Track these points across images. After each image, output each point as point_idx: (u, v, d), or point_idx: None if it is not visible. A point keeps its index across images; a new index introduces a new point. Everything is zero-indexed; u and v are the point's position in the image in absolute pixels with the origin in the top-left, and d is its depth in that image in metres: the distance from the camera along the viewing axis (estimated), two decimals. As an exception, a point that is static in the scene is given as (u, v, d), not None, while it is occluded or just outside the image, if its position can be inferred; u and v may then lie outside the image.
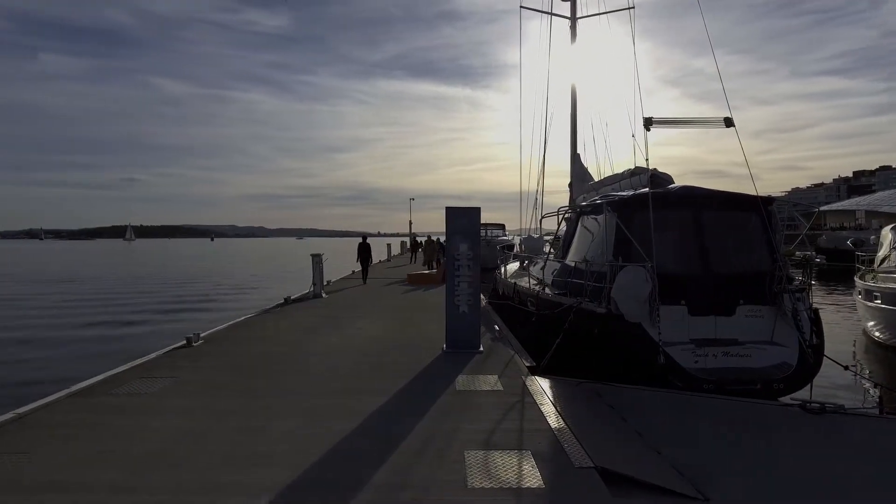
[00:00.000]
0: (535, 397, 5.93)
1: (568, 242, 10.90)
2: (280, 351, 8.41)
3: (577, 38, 16.95)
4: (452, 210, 8.41)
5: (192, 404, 5.72)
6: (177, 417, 5.28)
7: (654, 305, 7.38)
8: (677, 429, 5.51)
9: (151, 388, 6.32)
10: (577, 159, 15.69)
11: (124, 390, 6.20)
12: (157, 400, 5.88)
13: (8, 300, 26.23)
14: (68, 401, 5.83)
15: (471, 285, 8.37)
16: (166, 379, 6.68)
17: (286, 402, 5.82)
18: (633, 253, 7.79)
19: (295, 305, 13.97)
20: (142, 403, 5.75)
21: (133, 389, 6.24)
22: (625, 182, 11.40)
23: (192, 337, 8.80)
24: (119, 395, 6.01)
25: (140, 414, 5.39)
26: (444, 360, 7.75)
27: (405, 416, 5.27)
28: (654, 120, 8.38)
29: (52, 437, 4.71)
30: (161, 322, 19.18)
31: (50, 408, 5.58)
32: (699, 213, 8.21)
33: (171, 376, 6.80)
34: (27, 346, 14.91)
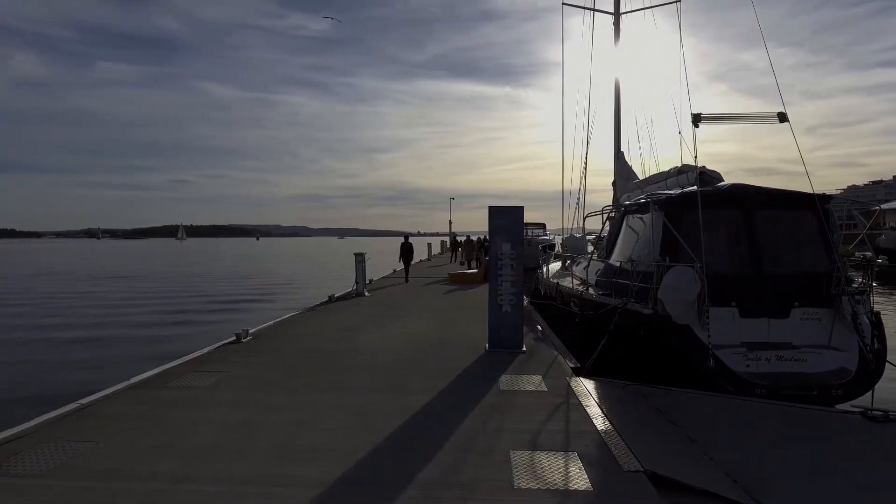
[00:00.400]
0: (581, 399, 5.87)
1: (612, 242, 10.73)
2: (325, 348, 8.58)
3: (620, 34, 16.65)
4: (495, 209, 8.40)
5: (242, 398, 5.90)
6: (229, 411, 5.46)
7: (703, 307, 7.19)
8: (729, 434, 5.35)
9: (204, 382, 6.55)
10: (621, 157, 15.41)
11: (179, 384, 6.45)
12: (209, 394, 6.10)
13: (73, 296, 27.60)
14: (127, 393, 6.11)
15: (514, 285, 8.34)
16: (218, 374, 6.91)
17: (332, 397, 5.94)
18: (681, 253, 7.60)
19: (338, 304, 14.22)
20: (195, 397, 5.97)
21: (187, 383, 6.49)
22: (671, 180, 11.13)
23: (241, 333, 9.08)
24: (174, 389, 6.26)
25: (194, 407, 5.60)
26: (487, 360, 7.75)
27: (450, 415, 5.31)
28: (704, 116, 8.16)
29: (116, 428, 4.94)
30: (210, 318, 19.84)
31: (111, 399, 5.86)
32: (751, 212, 7.94)
33: (223, 371, 7.04)
34: (87, 340, 15.65)
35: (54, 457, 4.27)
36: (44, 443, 4.55)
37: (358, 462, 4.22)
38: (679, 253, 7.66)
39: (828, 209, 8.03)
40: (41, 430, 4.88)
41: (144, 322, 18.88)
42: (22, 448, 4.44)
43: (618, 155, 15.52)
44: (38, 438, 4.66)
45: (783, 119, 8.28)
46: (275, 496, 3.65)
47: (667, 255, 7.74)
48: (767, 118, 8.30)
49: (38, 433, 4.79)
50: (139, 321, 19.00)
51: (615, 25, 16.70)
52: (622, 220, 10.30)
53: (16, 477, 3.93)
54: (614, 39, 16.62)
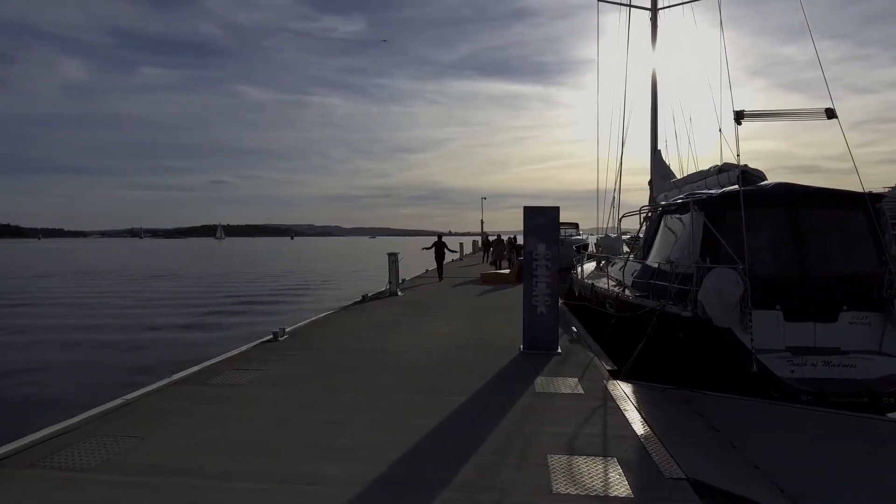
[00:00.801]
0: (619, 402, 5.75)
1: (649, 242, 10.51)
2: (360, 347, 8.64)
3: (657, 30, 16.30)
4: (531, 209, 8.32)
5: (280, 396, 5.99)
6: (266, 408, 5.54)
7: (745, 310, 6.97)
8: (773, 440, 5.18)
9: (243, 379, 6.67)
10: (658, 155, 15.08)
11: (219, 381, 6.58)
12: (248, 391, 6.20)
13: (116, 295, 28.56)
14: (169, 389, 6.27)
15: (549, 286, 8.24)
16: (256, 371, 7.03)
17: (367, 397, 5.97)
18: (723, 254, 7.39)
19: (372, 303, 14.31)
20: (235, 394, 6.08)
21: (227, 380, 6.61)
22: (711, 180, 10.83)
23: (277, 332, 9.22)
24: (214, 385, 6.39)
25: (234, 404, 5.70)
26: (522, 361, 7.69)
27: (485, 416, 5.27)
28: (746, 113, 7.90)
29: (159, 424, 5.07)
30: (247, 318, 20.31)
31: (154, 395, 6.01)
32: (796, 212, 7.66)
33: (261, 369, 7.15)
34: (130, 338, 16.17)
35: (100, 452, 4.39)
36: (90, 438, 4.69)
37: (393, 462, 4.22)
38: (720, 254, 7.45)
39: (879, 208, 7.70)
40: (87, 425, 5.04)
41: (184, 321, 19.43)
42: (69, 443, 4.58)
43: (654, 153, 15.21)
44: (85, 433, 4.81)
45: (831, 115, 7.96)
46: (311, 495, 3.68)
47: (707, 256, 7.54)
48: (814, 114, 8.00)
49: (84, 428, 4.95)
50: (177, 321, 19.52)
51: (652, 21, 16.36)
52: (660, 220, 10.08)
53: (63, 471, 4.06)
54: (651, 35, 16.30)
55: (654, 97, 16.01)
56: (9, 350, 14.38)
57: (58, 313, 21.28)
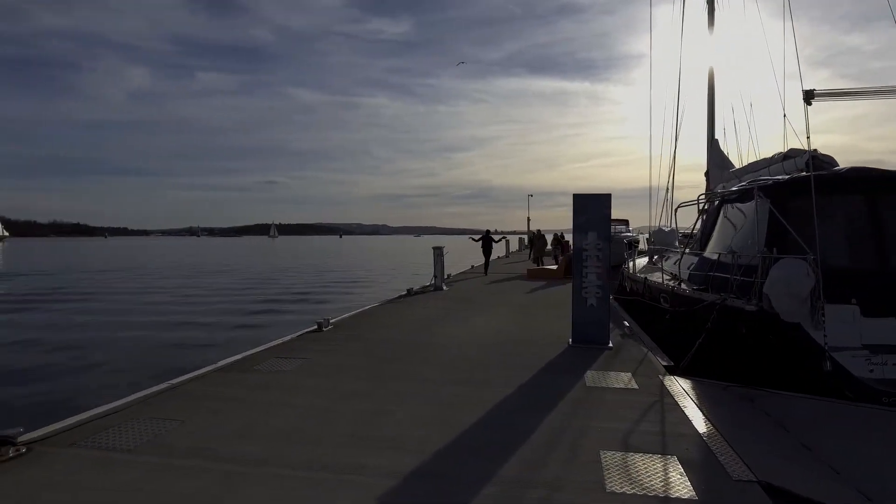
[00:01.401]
0: (676, 398, 5.37)
1: (707, 234, 9.94)
2: (404, 339, 8.49)
3: (714, 12, 15.52)
4: (581, 196, 7.96)
5: (323, 384, 5.88)
6: (309, 396, 5.44)
7: (817, 304, 6.42)
8: (850, 443, 4.69)
9: (287, 367, 6.62)
10: (716, 144, 14.34)
11: (263, 368, 6.55)
12: (291, 378, 6.13)
13: (174, 288, 29.62)
14: (214, 375, 6.27)
15: (599, 277, 7.87)
16: (300, 360, 6.97)
17: (411, 388, 5.80)
18: (791, 243, 6.86)
19: (417, 297, 14.18)
20: (278, 381, 6.01)
21: (271, 368, 6.57)
22: (775, 167, 10.15)
23: (322, 322, 9.19)
24: (258, 373, 6.35)
25: (277, 391, 5.63)
26: (571, 355, 7.35)
27: (532, 410, 5.00)
28: (818, 93, 7.29)
29: (201, 408, 5.03)
30: (294, 308, 20.71)
31: (199, 380, 6.02)
32: (875, 198, 7.03)
33: (304, 357, 7.09)
34: (185, 326, 16.69)
35: (141, 434, 4.37)
36: (132, 420, 4.68)
37: (435, 454, 4.01)
38: (788, 244, 6.92)
39: None
40: (130, 407, 5.05)
41: (236, 310, 20.10)
42: (112, 424, 4.59)
43: (711, 142, 14.46)
44: (128, 415, 4.81)
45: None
46: (350, 485, 3.51)
47: (774, 246, 7.00)
48: (894, 93, 7.31)
49: (127, 410, 4.96)
50: (231, 309, 20.27)
51: (709, 10, 15.59)
52: (719, 210, 9.51)
53: (102, 450, 4.04)
54: (708, 19, 15.52)
55: (711, 84, 15.26)
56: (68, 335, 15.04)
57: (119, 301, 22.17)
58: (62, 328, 16.55)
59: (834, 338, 6.31)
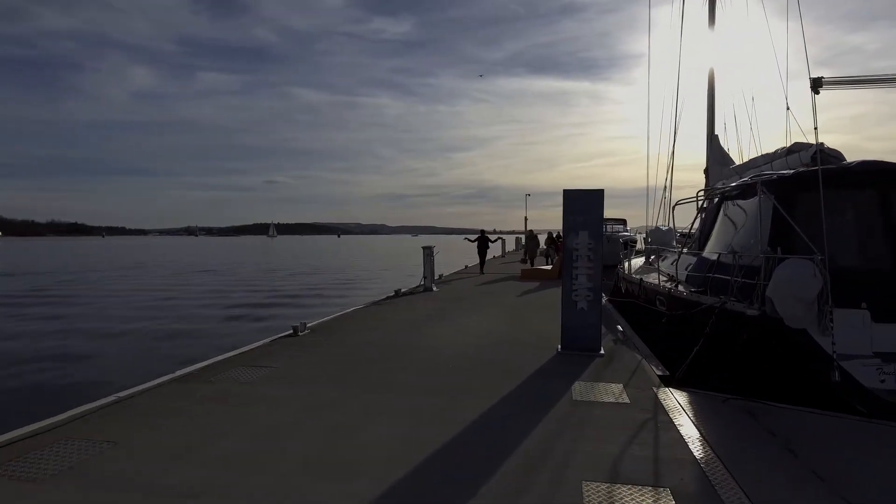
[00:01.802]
0: (671, 415, 4.86)
1: (706, 233, 9.43)
2: (385, 344, 7.98)
3: (715, 17, 15.00)
4: (571, 193, 7.45)
5: (286, 396, 5.37)
6: (267, 410, 4.93)
7: (824, 308, 5.92)
8: (871, 471, 4.18)
9: (251, 377, 6.10)
10: (716, 140, 13.82)
11: (224, 378, 6.04)
12: (253, 390, 5.61)
13: (157, 289, 29.07)
14: (169, 386, 5.75)
15: (591, 279, 7.36)
16: (267, 368, 6.46)
17: (384, 399, 5.29)
18: (796, 242, 6.36)
19: (405, 298, 13.67)
20: (237, 393, 5.49)
21: (233, 377, 6.06)
22: (778, 162, 9.64)
23: (298, 326, 8.67)
24: (217, 383, 5.84)
25: (234, 404, 5.12)
26: (559, 363, 6.84)
27: (512, 428, 4.50)
28: (825, 81, 6.79)
29: (143, 427, 4.52)
30: (277, 311, 19.83)
31: (150, 393, 5.50)
32: (887, 193, 6.53)
33: (272, 366, 6.58)
34: (154, 331, 15.98)
35: (65, 458, 3.86)
36: (64, 441, 4.17)
37: (401, 480, 3.52)
38: (793, 243, 6.42)
39: None
40: (68, 424, 4.55)
41: (211, 315, 19.05)
42: (40, 446, 4.08)
43: (711, 137, 13.95)
44: (61, 435, 4.31)
45: (930, 80, 6.77)
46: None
47: (778, 245, 6.50)
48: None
49: (63, 428, 4.46)
50: (208, 313, 19.30)
51: (710, 8, 15.06)
52: (719, 207, 9.01)
53: (16, 480, 3.53)
54: (709, 21, 14.99)
55: (711, 79, 14.74)
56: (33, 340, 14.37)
57: (100, 304, 21.60)
58: (20, 335, 15.23)
59: (842, 345, 5.81)
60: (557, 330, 7.66)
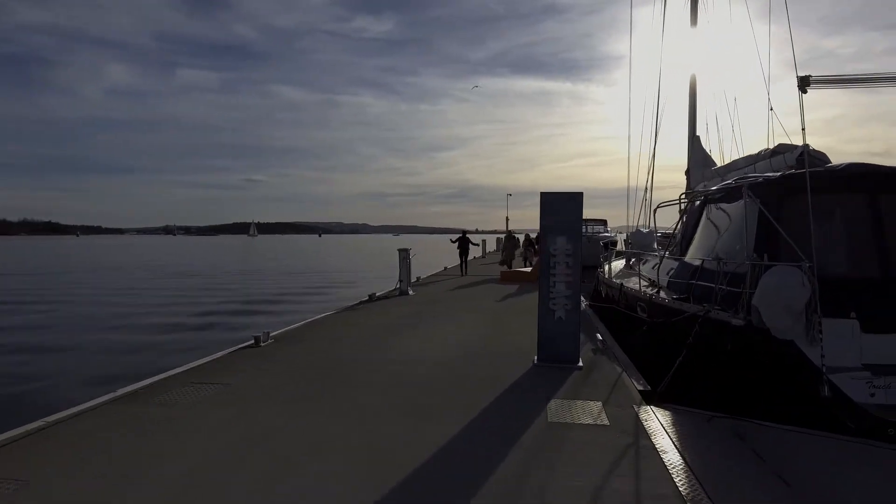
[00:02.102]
0: (654, 439, 4.47)
1: (688, 237, 9.11)
2: (352, 355, 7.50)
3: (697, 18, 14.76)
4: (549, 196, 7.05)
5: (233, 420, 4.88)
6: (207, 439, 4.43)
7: (812, 318, 5.60)
8: (870, 500, 3.84)
9: (198, 396, 5.58)
10: (697, 141, 13.57)
11: (169, 398, 5.51)
12: (199, 411, 5.10)
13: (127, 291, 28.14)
14: (105, 409, 5.21)
15: (569, 286, 6.96)
16: (218, 386, 5.95)
17: (341, 423, 4.82)
18: (783, 249, 6.04)
19: (379, 303, 13.18)
20: (181, 417, 4.98)
21: (178, 397, 5.54)
22: (762, 164, 9.36)
23: (260, 336, 8.15)
24: (160, 405, 5.31)
25: (171, 431, 4.60)
26: (535, 377, 6.43)
27: (481, 460, 4.05)
28: (814, 79, 6.47)
29: (61, 460, 4.00)
30: (243, 319, 18.48)
31: (83, 417, 4.96)
32: (877, 198, 6.23)
33: (224, 383, 6.06)
34: (105, 341, 14.98)
35: (-42, 505, 3.34)
36: (-38, 481, 3.63)
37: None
38: (780, 249, 6.09)
39: None
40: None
41: (182, 321, 17.93)
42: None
43: (692, 138, 13.69)
44: (-36, 472, 3.76)
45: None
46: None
47: (763, 251, 6.17)
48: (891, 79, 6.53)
49: (-32, 464, 3.90)
50: (174, 320, 18.03)
51: (693, 4, 14.81)
52: (702, 210, 8.68)
53: None
54: (690, 21, 14.73)
55: (693, 80, 14.49)
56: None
57: (56, 310, 20.64)
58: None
59: (831, 357, 5.49)
60: (535, 338, 7.24)
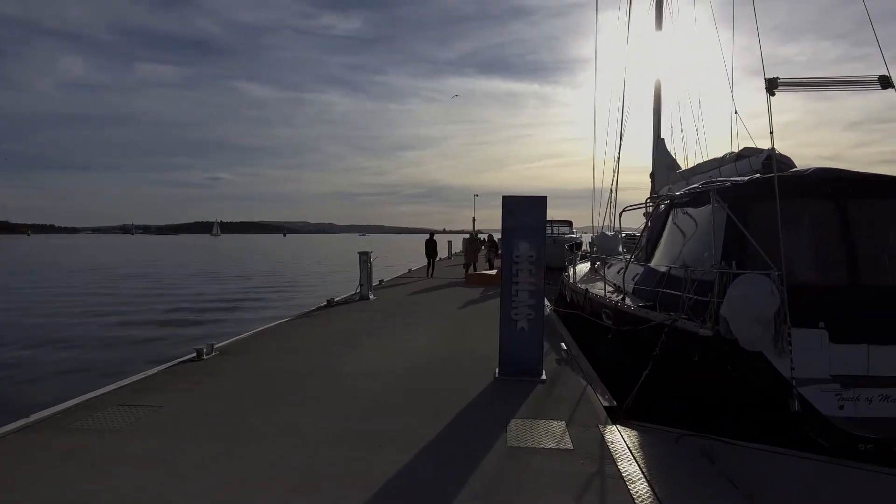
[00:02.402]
0: (620, 464, 4.13)
1: (654, 242, 8.88)
2: (301, 369, 6.99)
3: (662, 22, 14.70)
4: (511, 199, 6.69)
5: (157, 449, 4.34)
6: (123, 476, 3.88)
7: (781, 328, 5.38)
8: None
9: (120, 421, 5.00)
10: (661, 144, 13.47)
11: (86, 424, 4.90)
12: (116, 442, 4.52)
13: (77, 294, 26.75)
14: (13, 438, 4.58)
15: (532, 295, 6.61)
16: (146, 408, 5.36)
17: (278, 452, 4.33)
18: (751, 256, 5.80)
19: (338, 309, 12.64)
20: (96, 447, 4.40)
21: (97, 423, 4.94)
22: (727, 168, 9.23)
23: (203, 349, 7.55)
24: (75, 432, 4.71)
25: (81, 466, 4.03)
26: (496, 392, 6.05)
27: (432, 491, 3.64)
28: (782, 81, 6.27)
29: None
30: (197, 326, 17.34)
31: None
32: (845, 203, 6.07)
33: (153, 405, 5.47)
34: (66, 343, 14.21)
35: None
36: None
37: None
38: (748, 256, 5.86)
39: None
40: None
41: (120, 330, 16.48)
42: None
43: (657, 141, 13.59)
44: None
45: (886, 84, 6.36)
46: None
47: (731, 258, 5.93)
48: (866, 83, 6.39)
49: None
50: (112, 331, 16.42)
51: (658, 9, 14.74)
52: (668, 214, 8.46)
53: None
54: (655, 25, 14.65)
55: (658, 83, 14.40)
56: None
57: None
58: None
59: (800, 368, 5.28)
60: (497, 347, 6.87)
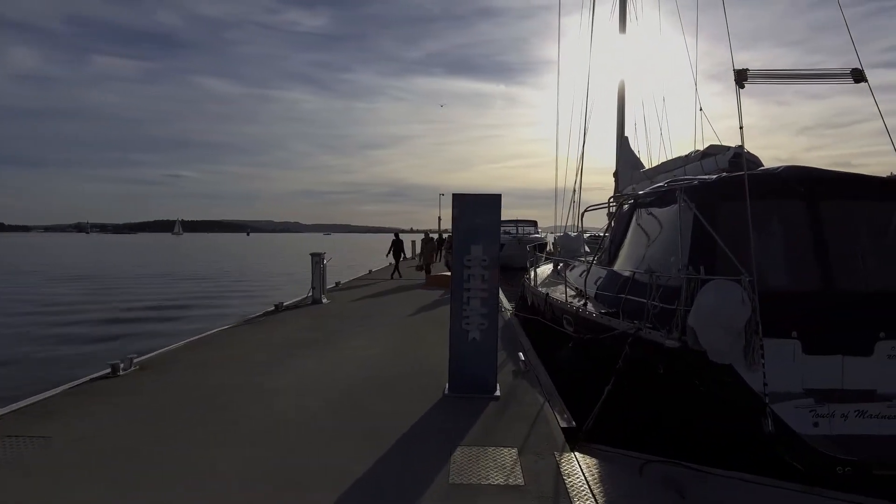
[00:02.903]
0: (576, 501, 3.57)
1: (618, 243, 8.43)
2: (228, 386, 6.23)
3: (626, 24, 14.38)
4: (462, 198, 6.10)
5: (41, 495, 3.58)
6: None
7: (753, 339, 4.93)
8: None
9: (4, 456, 4.21)
10: (625, 142, 13.12)
11: (-49, 464, 4.11)
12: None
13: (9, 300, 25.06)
14: None
15: (485, 303, 6.03)
16: (33, 440, 4.57)
17: (179, 496, 3.63)
18: (720, 261, 5.35)
19: (287, 313, 11.85)
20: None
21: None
22: (692, 166, 8.86)
23: (119, 363, 6.71)
24: (-68, 476, 3.92)
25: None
26: (443, 413, 5.44)
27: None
28: (751, 73, 5.85)
29: None
30: (133, 333, 15.73)
31: None
32: (818, 204, 5.68)
33: (44, 435, 4.68)
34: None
35: None
36: None
37: None
38: (717, 260, 5.41)
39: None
40: None
41: (36, 341, 14.67)
42: None
43: (621, 139, 13.23)
44: None
45: (859, 78, 6.00)
46: None
47: (699, 263, 5.46)
48: (838, 76, 6.02)
49: None
50: (26, 342, 14.53)
51: (622, 11, 14.39)
52: (631, 214, 8.01)
53: None
54: (619, 28, 14.30)
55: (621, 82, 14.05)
56: None
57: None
58: None
59: (772, 382, 4.85)
60: (448, 359, 6.27)
